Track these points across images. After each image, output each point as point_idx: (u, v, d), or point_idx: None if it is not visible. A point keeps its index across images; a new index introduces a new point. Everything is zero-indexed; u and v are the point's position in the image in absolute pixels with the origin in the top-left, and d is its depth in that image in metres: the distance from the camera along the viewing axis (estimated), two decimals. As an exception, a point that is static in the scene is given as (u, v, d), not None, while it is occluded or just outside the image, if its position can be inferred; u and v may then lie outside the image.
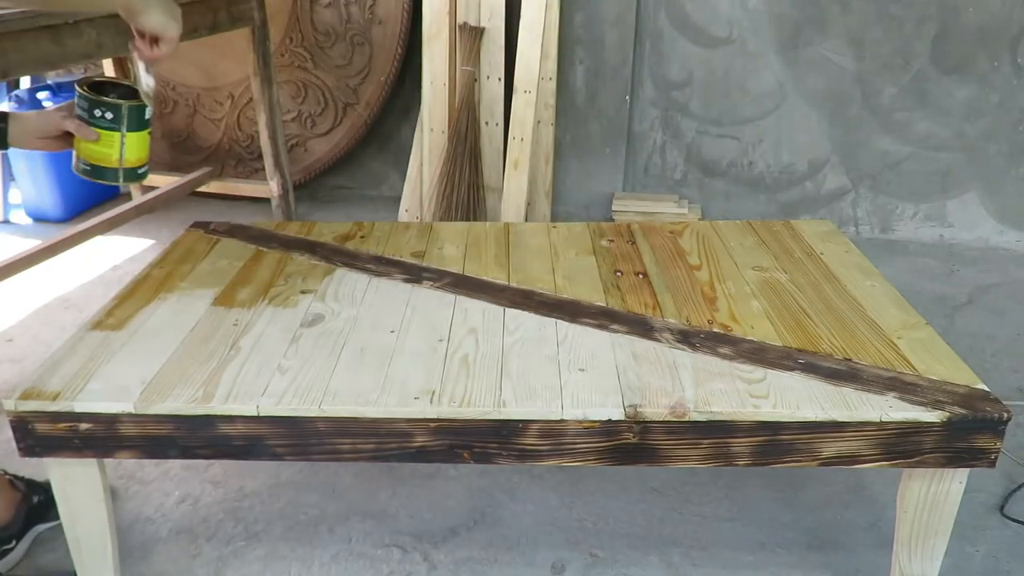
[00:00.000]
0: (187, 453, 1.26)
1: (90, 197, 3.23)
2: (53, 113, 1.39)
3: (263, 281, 1.61)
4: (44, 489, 1.59)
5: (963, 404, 1.22)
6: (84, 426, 1.23)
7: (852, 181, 3.05)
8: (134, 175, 1.45)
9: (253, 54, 2.66)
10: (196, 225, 1.90)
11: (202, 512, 1.67)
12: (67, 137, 1.40)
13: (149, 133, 1.44)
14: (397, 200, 3.16)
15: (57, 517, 1.51)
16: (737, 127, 3.05)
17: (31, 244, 2.38)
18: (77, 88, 1.37)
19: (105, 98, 1.37)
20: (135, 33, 1.34)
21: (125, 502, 1.69)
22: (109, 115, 1.36)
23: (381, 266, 1.68)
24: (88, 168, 1.41)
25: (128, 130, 1.39)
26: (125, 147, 1.40)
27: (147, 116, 1.41)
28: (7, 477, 1.60)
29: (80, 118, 1.38)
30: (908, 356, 1.34)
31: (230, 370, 1.30)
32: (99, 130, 1.37)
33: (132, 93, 1.42)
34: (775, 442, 1.23)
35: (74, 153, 1.42)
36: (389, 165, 3.42)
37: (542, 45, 2.80)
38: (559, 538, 1.61)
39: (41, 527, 1.60)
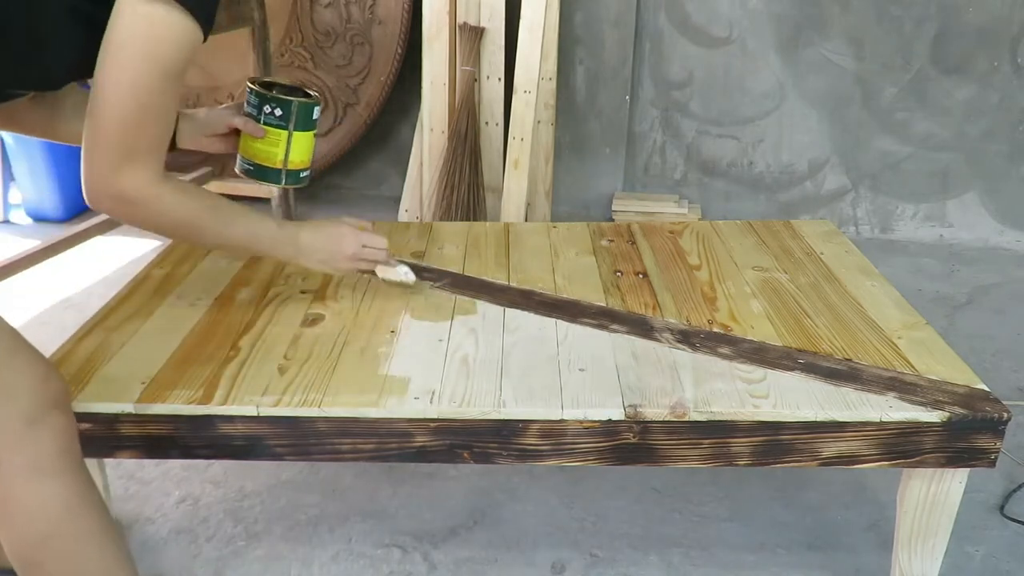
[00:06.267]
0: (187, 453, 1.26)
1: (90, 197, 3.22)
2: (221, 111, 1.40)
3: (263, 281, 1.61)
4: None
5: (963, 404, 1.22)
6: (84, 426, 1.23)
7: (852, 181, 3.05)
8: (296, 177, 1.43)
9: (253, 54, 2.66)
10: (196, 225, 1.90)
11: (202, 512, 1.67)
12: (233, 136, 1.40)
13: (314, 135, 1.41)
14: (397, 200, 3.16)
15: None
16: (737, 127, 3.05)
17: (31, 244, 2.38)
18: (248, 84, 1.37)
19: (276, 94, 1.36)
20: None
21: (125, 502, 1.69)
22: (278, 112, 1.35)
23: (381, 266, 1.68)
24: (251, 168, 1.40)
25: (295, 129, 1.37)
26: (291, 146, 1.39)
27: (315, 117, 1.39)
28: None
29: (248, 115, 1.37)
30: (908, 356, 1.35)
31: (230, 370, 1.30)
32: (267, 127, 1.36)
33: (301, 92, 1.40)
34: (775, 442, 1.23)
35: (238, 153, 1.41)
36: (389, 165, 3.42)
37: (542, 45, 2.80)
38: (559, 538, 1.61)
39: None
